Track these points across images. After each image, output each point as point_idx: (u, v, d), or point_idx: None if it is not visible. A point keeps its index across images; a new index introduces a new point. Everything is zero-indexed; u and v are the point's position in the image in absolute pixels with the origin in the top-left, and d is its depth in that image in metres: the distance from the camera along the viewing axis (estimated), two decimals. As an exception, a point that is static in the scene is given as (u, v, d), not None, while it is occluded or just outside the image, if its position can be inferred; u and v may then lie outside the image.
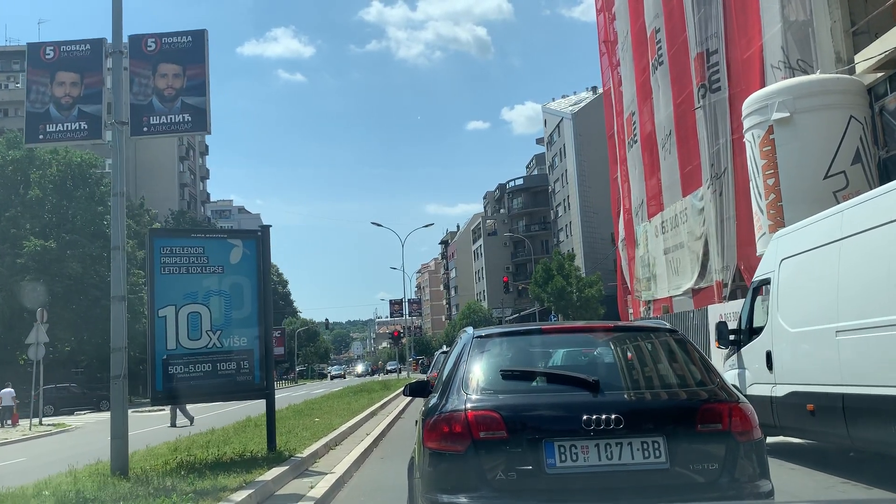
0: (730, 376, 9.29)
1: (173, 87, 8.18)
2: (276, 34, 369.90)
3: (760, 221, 14.98)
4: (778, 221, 14.49)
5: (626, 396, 3.94)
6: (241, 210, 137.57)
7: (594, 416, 3.57)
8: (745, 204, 18.64)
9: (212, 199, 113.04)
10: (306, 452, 8.70)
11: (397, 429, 14.07)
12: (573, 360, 4.83)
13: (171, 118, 8.16)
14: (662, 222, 24.61)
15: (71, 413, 34.25)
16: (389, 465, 8.90)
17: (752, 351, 8.52)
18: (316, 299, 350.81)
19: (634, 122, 27.29)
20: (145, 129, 8.28)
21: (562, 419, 3.70)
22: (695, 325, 17.70)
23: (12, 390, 26.19)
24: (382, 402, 20.17)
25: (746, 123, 15.54)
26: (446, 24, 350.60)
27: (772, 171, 14.62)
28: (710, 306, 17.41)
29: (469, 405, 3.77)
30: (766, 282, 8.42)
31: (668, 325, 4.63)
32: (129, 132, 8.33)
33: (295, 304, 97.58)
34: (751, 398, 8.68)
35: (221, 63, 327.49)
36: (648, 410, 3.85)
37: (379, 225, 51.77)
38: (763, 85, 16.83)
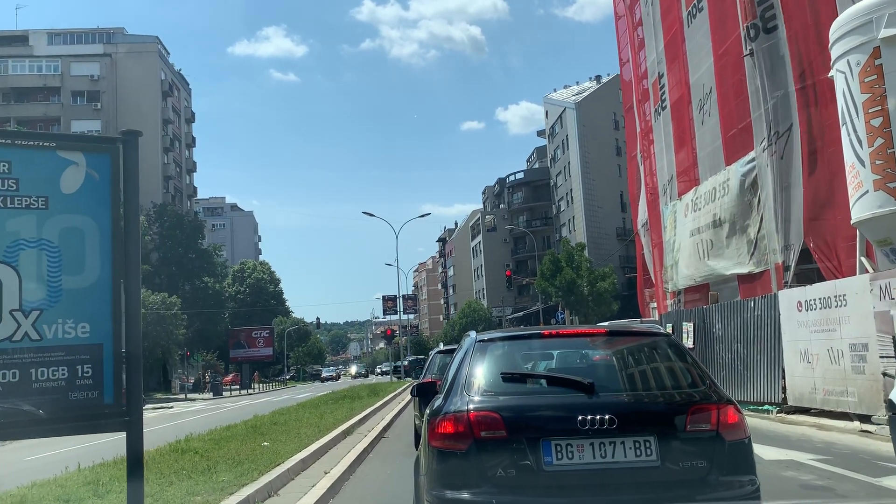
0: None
1: None
2: (268, 33, 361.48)
3: (860, 177, 11.29)
4: (888, 174, 10.83)
5: (619, 398, 3.98)
6: (234, 207, 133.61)
7: (589, 417, 3.67)
8: (819, 166, 14.98)
9: (203, 196, 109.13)
10: (194, 526, 4.97)
11: (374, 458, 10.33)
12: (570, 364, 4.72)
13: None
14: (696, 199, 20.91)
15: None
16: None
17: None
18: (313, 300, 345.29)
19: (662, 86, 23.59)
20: None
21: (558, 419, 3.78)
22: (756, 316, 13.99)
23: None
24: (365, 412, 16.45)
25: (837, 50, 11.87)
26: (440, 23, 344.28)
27: (878, 108, 10.95)
28: (780, 292, 13.69)
29: (471, 406, 3.85)
30: None
31: (662, 330, 5.04)
32: None
33: (287, 303, 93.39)
34: None
35: (213, 63, 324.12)
36: (640, 411, 3.90)
37: (371, 215, 48.07)
38: (838, 15, 13.11)
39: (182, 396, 49.03)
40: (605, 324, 6.98)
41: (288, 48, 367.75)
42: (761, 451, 8.49)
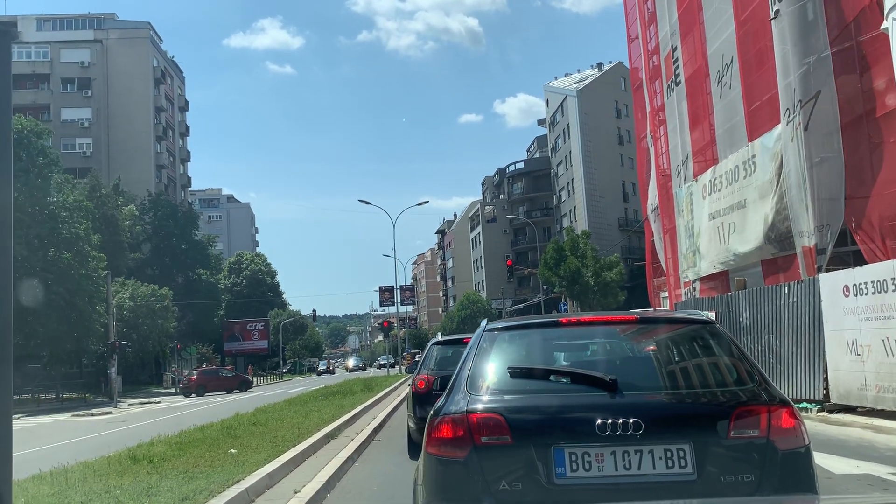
0: None
1: None
2: (264, 25, 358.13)
3: (922, 142, 9.80)
4: (958, 137, 9.31)
5: (647, 398, 3.37)
6: (231, 199, 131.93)
7: (610, 420, 3.16)
8: (860, 137, 13.50)
9: (200, 188, 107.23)
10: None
11: (361, 468, 8.87)
12: (591, 356, 4.20)
13: None
14: (714, 179, 19.43)
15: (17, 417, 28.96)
16: None
17: None
18: (311, 292, 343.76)
19: (676, 60, 22.08)
20: None
21: (573, 423, 3.25)
22: (792, 303, 12.53)
23: None
24: (356, 410, 15.01)
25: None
26: (437, 14, 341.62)
27: (946, 59, 9.46)
28: (822, 275, 12.20)
29: (471, 407, 3.37)
30: None
31: (702, 316, 4.01)
32: None
33: (284, 295, 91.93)
34: None
35: (209, 55, 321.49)
36: (673, 413, 3.31)
37: (367, 203, 46.64)
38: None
39: (173, 390, 47.63)
40: (638, 311, 5.55)
41: (284, 40, 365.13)
42: (824, 461, 7.05)
